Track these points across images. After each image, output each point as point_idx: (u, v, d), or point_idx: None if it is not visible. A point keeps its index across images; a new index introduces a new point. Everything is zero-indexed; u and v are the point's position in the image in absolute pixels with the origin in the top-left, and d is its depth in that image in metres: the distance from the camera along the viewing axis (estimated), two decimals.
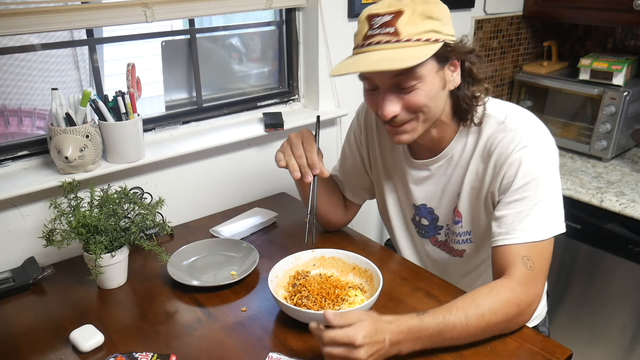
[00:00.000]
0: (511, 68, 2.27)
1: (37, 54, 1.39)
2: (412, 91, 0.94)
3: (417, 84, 0.93)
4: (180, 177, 1.47)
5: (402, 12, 0.89)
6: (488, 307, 0.89)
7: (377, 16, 0.91)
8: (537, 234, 0.95)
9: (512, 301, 0.91)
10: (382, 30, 0.90)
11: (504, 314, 0.91)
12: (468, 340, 0.90)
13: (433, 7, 0.91)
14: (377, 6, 0.92)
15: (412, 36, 0.90)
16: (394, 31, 0.90)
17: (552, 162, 0.99)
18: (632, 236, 1.62)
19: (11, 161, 1.26)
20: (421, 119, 0.98)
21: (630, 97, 1.81)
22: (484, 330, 0.90)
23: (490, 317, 0.89)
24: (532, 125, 1.00)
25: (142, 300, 1.11)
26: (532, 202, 0.95)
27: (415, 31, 0.90)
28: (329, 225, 1.34)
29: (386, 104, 0.95)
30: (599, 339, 1.82)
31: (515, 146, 0.97)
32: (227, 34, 1.65)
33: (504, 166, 0.98)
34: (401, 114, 0.96)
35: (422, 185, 1.15)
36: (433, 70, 0.94)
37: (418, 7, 0.90)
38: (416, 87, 0.93)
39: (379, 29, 0.91)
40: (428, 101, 0.95)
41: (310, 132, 1.12)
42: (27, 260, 1.23)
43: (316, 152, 1.07)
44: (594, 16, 1.92)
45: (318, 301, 1.01)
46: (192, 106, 1.58)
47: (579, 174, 1.83)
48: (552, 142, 1.01)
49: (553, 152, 1.00)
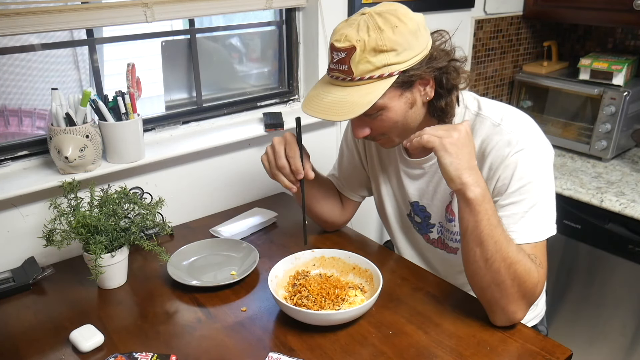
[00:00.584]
0: (511, 68, 2.27)
1: (37, 54, 1.38)
2: (377, 117, 0.97)
3: (379, 111, 0.96)
4: (180, 177, 1.47)
5: (354, 50, 0.89)
6: (523, 256, 0.91)
7: (335, 50, 0.93)
8: (534, 235, 0.95)
9: (533, 276, 0.91)
10: (339, 66, 0.93)
11: (527, 273, 0.90)
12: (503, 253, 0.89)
13: (388, 35, 0.89)
14: (337, 35, 0.93)
15: (364, 74, 0.91)
16: (347, 69, 0.92)
17: (547, 165, 0.98)
18: (632, 236, 1.62)
19: (11, 161, 1.26)
20: (394, 134, 1.02)
21: (630, 97, 1.81)
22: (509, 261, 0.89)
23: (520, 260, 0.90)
24: (528, 129, 1.00)
25: (142, 300, 1.11)
26: (527, 204, 0.95)
27: (366, 69, 0.91)
28: (327, 225, 1.35)
29: (355, 128, 1.01)
30: (599, 339, 1.82)
31: (511, 150, 0.97)
32: (227, 34, 1.65)
33: (499, 169, 0.98)
34: (372, 134, 1.01)
35: (416, 182, 1.16)
36: (395, 97, 0.95)
37: (371, 40, 0.89)
38: (379, 114, 0.97)
39: (336, 64, 0.93)
40: (394, 123, 0.98)
41: (293, 135, 1.10)
42: (27, 260, 1.23)
43: (299, 157, 1.07)
44: (594, 16, 1.92)
45: (318, 301, 1.01)
46: (192, 106, 1.58)
47: (579, 174, 1.83)
48: (548, 145, 1.01)
49: (548, 156, 1.00)
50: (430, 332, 0.97)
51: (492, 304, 0.95)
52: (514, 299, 0.92)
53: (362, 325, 1.00)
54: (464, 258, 0.96)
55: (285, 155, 1.07)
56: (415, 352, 0.93)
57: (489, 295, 0.94)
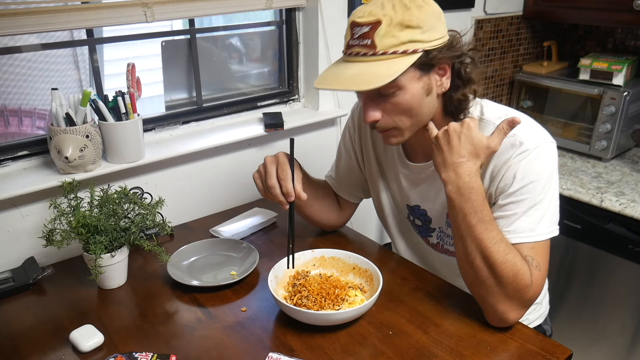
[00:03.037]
0: (511, 68, 2.27)
1: (37, 54, 1.39)
2: (391, 98, 0.95)
3: (395, 91, 0.94)
4: (180, 177, 1.47)
5: (380, 23, 0.89)
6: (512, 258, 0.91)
7: (357, 25, 0.91)
8: (530, 235, 0.95)
9: (524, 278, 0.91)
10: (360, 41, 0.91)
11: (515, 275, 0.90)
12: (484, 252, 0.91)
13: (415, 12, 0.89)
14: (360, 12, 0.92)
15: (388, 49, 0.90)
16: (370, 43, 0.90)
17: (551, 166, 0.98)
18: (632, 236, 1.62)
19: (11, 161, 1.26)
20: (405, 125, 0.98)
21: (630, 97, 1.81)
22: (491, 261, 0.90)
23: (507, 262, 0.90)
24: (531, 130, 1.00)
25: (142, 300, 1.11)
26: (528, 204, 0.95)
27: (391, 43, 0.89)
28: (326, 227, 1.35)
29: (366, 111, 0.98)
30: (599, 339, 1.82)
31: (514, 152, 0.96)
32: (227, 34, 1.65)
33: (502, 170, 0.98)
34: (382, 120, 0.98)
35: (416, 187, 1.15)
36: (414, 78, 0.93)
37: (397, 15, 0.89)
38: (395, 94, 0.94)
39: (357, 39, 0.92)
40: (409, 108, 0.96)
41: (285, 156, 1.08)
42: (27, 260, 1.23)
43: (290, 179, 1.05)
44: (594, 16, 1.92)
45: (318, 301, 1.01)
46: (192, 106, 1.58)
47: (579, 174, 1.83)
48: (553, 146, 1.00)
49: (553, 156, 0.99)
50: (430, 332, 0.97)
51: (481, 301, 0.97)
52: (501, 299, 0.93)
53: (362, 325, 1.00)
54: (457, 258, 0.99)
55: (276, 176, 1.06)
56: (415, 352, 0.93)
57: (476, 292, 0.96)
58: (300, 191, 1.06)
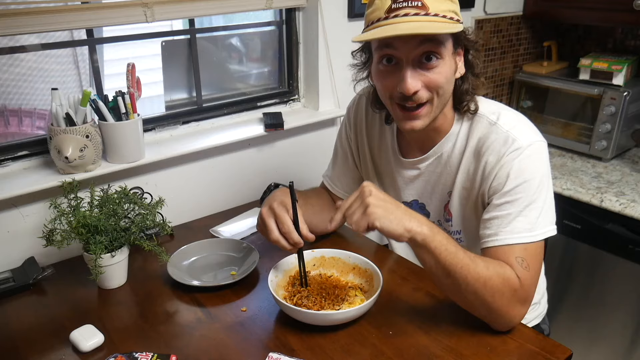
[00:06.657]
0: (511, 68, 2.27)
1: (37, 54, 1.39)
2: (433, 68, 0.94)
3: (439, 61, 0.93)
4: (180, 177, 1.47)
5: None
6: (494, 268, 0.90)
7: None
8: (527, 235, 0.94)
9: (512, 282, 0.91)
10: (409, 3, 0.90)
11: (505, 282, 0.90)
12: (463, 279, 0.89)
13: None
14: None
15: (440, 12, 0.90)
16: (421, 5, 0.89)
17: (544, 165, 0.98)
18: (632, 236, 1.62)
19: (11, 161, 1.26)
20: (435, 102, 0.97)
21: (630, 97, 1.81)
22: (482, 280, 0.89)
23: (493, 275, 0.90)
24: (524, 128, 1.00)
25: (142, 300, 1.11)
26: (522, 204, 0.95)
27: (442, 8, 0.90)
28: (323, 233, 1.33)
29: (409, 79, 0.93)
30: (599, 339, 1.82)
31: (507, 149, 0.96)
32: (227, 34, 1.65)
33: (495, 168, 0.97)
34: (421, 92, 0.95)
35: (411, 184, 1.15)
36: (450, 52, 0.95)
37: None
38: (437, 65, 0.93)
39: (405, 2, 0.90)
40: (445, 82, 0.95)
41: (283, 204, 1.04)
42: (27, 260, 1.23)
43: (294, 230, 1.02)
44: (594, 16, 1.92)
45: (318, 301, 1.01)
46: (192, 106, 1.58)
47: (579, 174, 1.83)
48: (545, 145, 1.00)
49: (545, 155, 0.99)
50: (430, 332, 0.97)
51: (486, 318, 0.96)
52: (504, 310, 0.92)
53: (362, 325, 1.00)
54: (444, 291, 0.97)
55: (279, 229, 1.03)
56: (415, 352, 0.93)
57: (479, 313, 0.95)
58: (307, 233, 1.04)
